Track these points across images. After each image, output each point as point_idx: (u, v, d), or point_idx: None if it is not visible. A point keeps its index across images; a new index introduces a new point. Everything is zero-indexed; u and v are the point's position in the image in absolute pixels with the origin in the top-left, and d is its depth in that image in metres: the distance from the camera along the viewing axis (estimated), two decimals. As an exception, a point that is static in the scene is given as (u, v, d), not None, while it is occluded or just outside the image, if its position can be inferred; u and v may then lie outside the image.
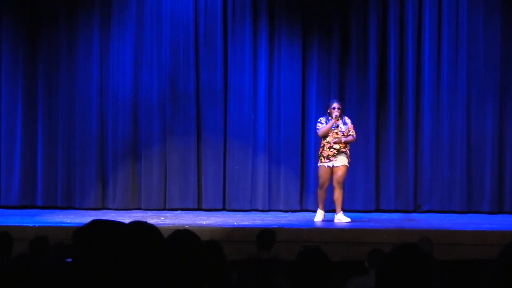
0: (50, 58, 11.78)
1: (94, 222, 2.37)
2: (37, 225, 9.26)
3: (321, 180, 9.99)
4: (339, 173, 9.83)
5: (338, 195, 9.89)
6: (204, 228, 9.21)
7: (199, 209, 11.62)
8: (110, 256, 2.28)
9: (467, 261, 7.19)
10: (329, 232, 9.31)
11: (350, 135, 9.94)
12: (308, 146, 11.57)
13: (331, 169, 9.86)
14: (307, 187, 11.56)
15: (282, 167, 11.63)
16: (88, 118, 11.73)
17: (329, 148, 9.88)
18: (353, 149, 11.29)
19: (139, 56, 11.73)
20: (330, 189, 10.01)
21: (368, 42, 11.55)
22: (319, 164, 9.96)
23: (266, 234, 6.85)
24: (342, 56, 11.62)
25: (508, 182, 11.40)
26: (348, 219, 9.87)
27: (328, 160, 9.86)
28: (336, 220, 9.90)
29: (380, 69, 11.57)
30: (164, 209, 11.59)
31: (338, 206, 9.93)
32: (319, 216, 10.01)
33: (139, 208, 11.67)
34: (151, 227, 3.00)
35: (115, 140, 11.72)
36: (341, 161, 9.85)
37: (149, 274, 2.86)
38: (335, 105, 9.97)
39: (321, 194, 10.03)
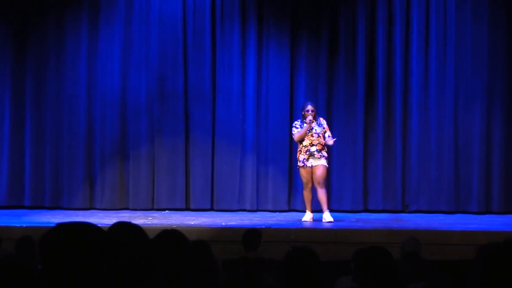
0: (38, 58, 11.73)
1: (60, 226, 2.27)
2: (24, 225, 9.21)
3: (304, 181, 10.02)
4: (318, 173, 9.84)
5: (321, 195, 9.90)
6: (192, 228, 9.19)
7: (187, 209, 11.60)
8: (80, 259, 2.18)
9: (455, 261, 7.20)
10: (317, 232, 9.31)
11: (328, 136, 9.94)
12: (297, 146, 11.53)
13: (311, 168, 9.88)
14: (295, 187, 11.55)
15: (270, 167, 11.62)
16: (76, 118, 11.70)
17: (306, 151, 9.89)
18: (341, 149, 11.34)
19: (127, 56, 11.70)
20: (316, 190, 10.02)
21: (356, 42, 11.57)
22: (298, 165, 9.99)
23: (251, 234, 6.84)
24: (330, 56, 11.63)
25: (496, 182, 11.43)
26: (331, 219, 9.86)
27: (303, 164, 9.88)
28: (323, 220, 9.91)
29: (368, 69, 11.58)
30: (152, 209, 11.56)
31: (324, 205, 9.94)
32: (307, 216, 10.03)
33: (127, 208, 11.64)
34: (135, 227, 2.98)
35: (103, 140, 11.68)
36: (319, 161, 9.86)
37: (137, 275, 2.84)
38: (309, 107, 9.92)
39: (306, 194, 10.05)
